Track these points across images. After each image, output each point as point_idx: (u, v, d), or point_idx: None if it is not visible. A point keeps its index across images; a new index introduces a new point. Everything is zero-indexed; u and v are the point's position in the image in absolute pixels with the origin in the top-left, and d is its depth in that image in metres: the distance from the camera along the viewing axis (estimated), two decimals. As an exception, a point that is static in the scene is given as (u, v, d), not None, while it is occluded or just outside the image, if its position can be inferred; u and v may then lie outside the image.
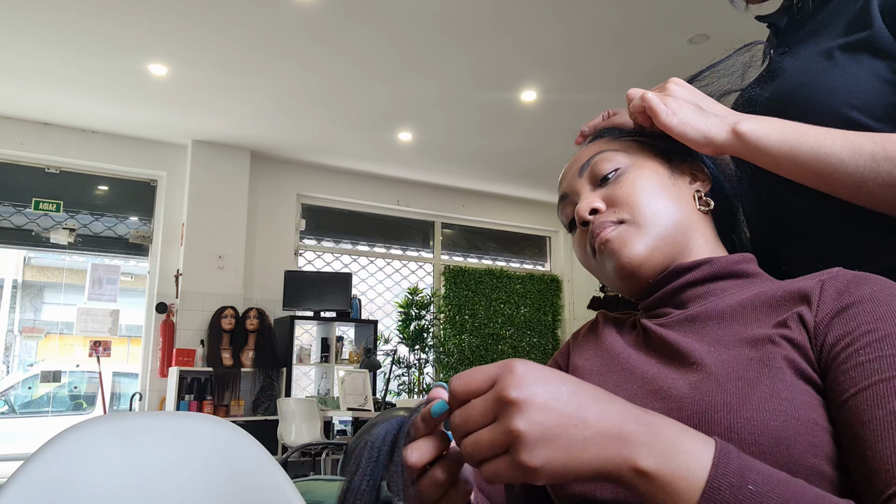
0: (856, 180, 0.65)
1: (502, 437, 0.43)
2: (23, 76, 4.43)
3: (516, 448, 0.42)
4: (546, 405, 0.43)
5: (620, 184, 0.69)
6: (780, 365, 0.56)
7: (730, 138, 0.68)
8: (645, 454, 0.43)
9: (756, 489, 0.41)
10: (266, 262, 5.83)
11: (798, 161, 0.66)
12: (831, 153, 0.65)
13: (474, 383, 0.45)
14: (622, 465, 0.43)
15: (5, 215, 5.24)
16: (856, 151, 0.64)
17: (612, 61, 4.22)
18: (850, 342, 0.53)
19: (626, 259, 0.66)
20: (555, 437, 0.42)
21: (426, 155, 5.91)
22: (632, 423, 0.44)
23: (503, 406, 0.43)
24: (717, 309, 0.64)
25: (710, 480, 0.42)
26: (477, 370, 0.46)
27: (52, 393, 7.41)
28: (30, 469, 0.80)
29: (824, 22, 0.82)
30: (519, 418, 0.42)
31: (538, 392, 0.43)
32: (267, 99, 4.79)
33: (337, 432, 5.13)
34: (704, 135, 0.68)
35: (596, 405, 0.44)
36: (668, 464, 0.43)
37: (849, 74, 0.74)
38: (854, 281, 0.58)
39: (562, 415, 0.43)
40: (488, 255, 7.34)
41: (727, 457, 0.43)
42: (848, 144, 0.65)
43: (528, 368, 0.44)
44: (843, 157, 0.65)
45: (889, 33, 0.73)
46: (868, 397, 0.50)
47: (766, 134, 0.67)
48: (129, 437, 0.88)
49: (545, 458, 0.42)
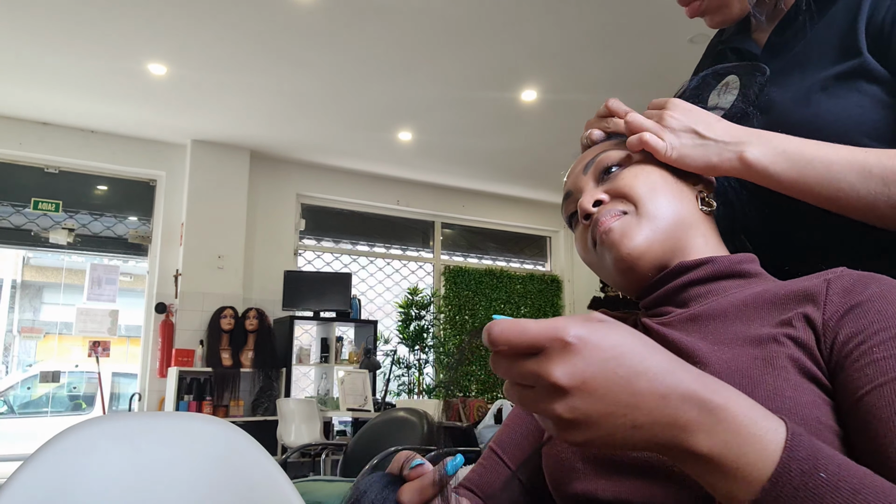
0: (867, 203, 0.65)
1: (542, 411, 0.41)
2: (23, 76, 4.43)
3: (556, 424, 0.41)
4: (594, 392, 0.39)
5: (623, 177, 0.70)
6: (784, 364, 0.56)
7: (735, 166, 0.68)
8: (702, 439, 0.40)
9: (828, 477, 0.39)
10: (265, 262, 5.83)
11: (806, 187, 0.67)
12: (841, 178, 0.65)
13: (518, 343, 0.40)
14: (673, 448, 0.41)
15: (4, 215, 5.23)
16: (865, 176, 0.65)
17: (611, 61, 4.22)
18: (862, 340, 0.53)
19: (625, 250, 0.66)
20: (598, 424, 0.40)
21: (426, 155, 5.91)
22: (692, 409, 0.40)
23: (544, 385, 0.40)
24: (720, 308, 0.64)
25: (781, 464, 0.39)
26: (525, 327, 0.40)
27: (52, 393, 7.41)
28: (29, 469, 0.80)
29: (807, 52, 0.81)
30: (559, 402, 0.40)
31: (586, 377, 0.39)
32: (267, 99, 4.79)
33: (337, 433, 5.13)
34: (706, 164, 0.69)
35: (653, 390, 0.40)
36: (730, 449, 0.40)
37: (852, 104, 0.74)
38: (861, 280, 0.58)
39: (609, 404, 0.40)
40: (488, 255, 7.34)
41: (799, 440, 0.41)
42: (857, 168, 0.65)
43: (583, 343, 0.40)
44: (854, 182, 0.65)
45: (873, 58, 0.74)
46: (885, 394, 0.50)
47: (772, 161, 0.67)
48: (128, 437, 0.88)
49: (587, 439, 0.40)
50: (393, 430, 2.99)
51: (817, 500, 0.39)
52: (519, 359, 0.41)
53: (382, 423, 3.10)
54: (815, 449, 0.41)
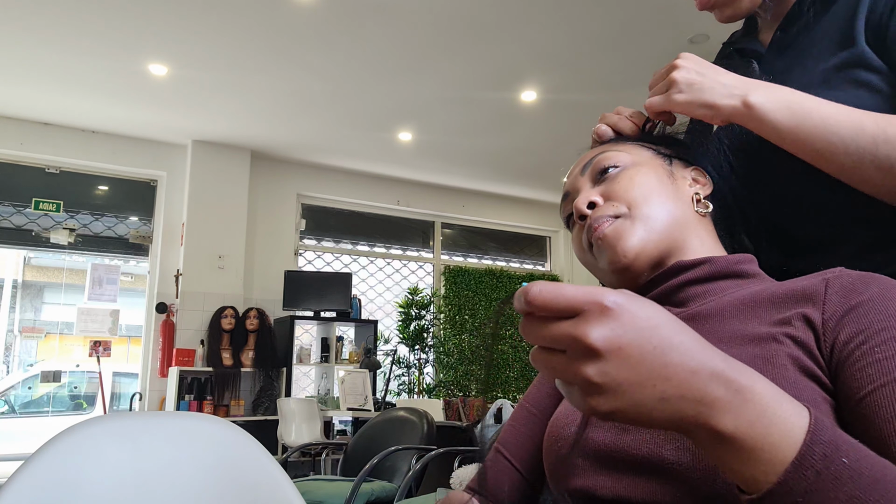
0: (853, 161, 0.65)
1: (571, 375, 0.40)
2: (23, 76, 4.43)
3: (584, 389, 0.40)
4: (627, 358, 0.39)
5: (618, 179, 0.71)
6: (784, 362, 0.56)
7: (737, 109, 0.69)
8: (728, 419, 0.40)
9: (850, 463, 0.39)
10: (266, 262, 5.83)
11: (801, 137, 0.67)
12: (834, 131, 0.66)
13: (555, 305, 0.40)
14: (698, 426, 0.40)
15: (5, 215, 5.24)
16: (858, 132, 0.65)
17: (612, 61, 4.22)
18: (863, 340, 0.54)
19: (620, 252, 0.67)
20: (628, 392, 0.39)
21: (426, 155, 5.91)
22: (720, 388, 0.40)
23: (579, 347, 0.39)
24: (718, 308, 0.64)
25: (805, 447, 0.39)
26: (563, 289, 0.40)
27: (52, 393, 7.41)
28: (30, 469, 0.80)
29: (809, 46, 0.81)
30: (591, 365, 0.39)
31: (622, 343, 0.39)
32: (267, 99, 4.79)
33: (337, 432, 5.13)
34: (710, 104, 0.70)
35: (684, 364, 0.40)
36: (755, 429, 0.39)
37: (852, 95, 0.74)
38: (860, 280, 0.58)
39: (641, 372, 0.39)
40: (488, 255, 7.34)
41: (822, 424, 0.40)
42: (852, 125, 0.65)
43: (620, 310, 0.40)
44: (845, 137, 0.65)
45: (871, 50, 0.75)
46: (887, 394, 0.50)
47: (774, 108, 0.68)
48: (129, 437, 0.88)
49: (613, 408, 0.40)
50: (393, 429, 2.99)
51: (838, 485, 0.38)
52: (553, 321, 0.40)
53: (382, 423, 3.10)
54: (838, 435, 0.40)
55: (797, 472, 0.38)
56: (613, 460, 0.60)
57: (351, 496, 2.37)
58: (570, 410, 0.67)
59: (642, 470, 0.58)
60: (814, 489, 0.38)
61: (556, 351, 0.41)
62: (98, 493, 0.82)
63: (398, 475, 2.78)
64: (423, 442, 2.76)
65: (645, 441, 0.58)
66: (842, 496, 0.38)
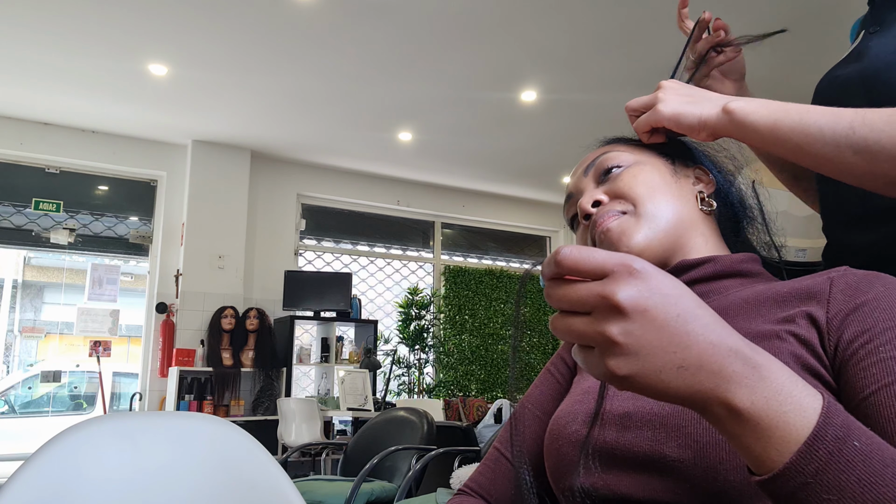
0: (832, 149, 0.65)
1: (594, 335, 0.40)
2: (23, 76, 4.43)
3: (606, 351, 0.40)
4: (652, 321, 0.40)
5: (622, 177, 0.71)
6: (787, 360, 0.56)
7: (721, 116, 0.70)
8: (744, 394, 0.40)
9: (861, 446, 0.39)
10: (266, 261, 5.83)
11: (781, 134, 0.67)
12: (811, 123, 0.66)
13: (585, 266, 0.41)
14: (713, 399, 0.40)
15: (5, 215, 5.24)
16: (835, 121, 0.65)
17: (612, 61, 4.22)
18: (868, 339, 0.53)
19: (624, 249, 0.67)
20: (648, 355, 0.40)
21: (426, 155, 5.91)
22: (738, 362, 0.40)
23: (606, 306, 0.40)
24: (721, 306, 0.64)
25: (818, 427, 0.39)
26: (593, 252, 0.41)
27: (53, 393, 7.41)
28: (30, 469, 0.80)
29: None
30: (616, 324, 0.40)
31: (648, 305, 0.40)
32: (267, 99, 4.79)
33: (337, 432, 5.13)
34: (699, 119, 0.70)
35: (705, 336, 0.40)
36: (771, 406, 0.40)
37: None
38: (865, 279, 0.58)
39: (663, 337, 0.40)
40: (488, 255, 7.34)
41: (835, 407, 0.40)
42: (829, 115, 0.66)
43: (648, 275, 0.41)
44: (822, 126, 0.65)
45: None
46: (892, 393, 0.50)
47: (753, 110, 0.68)
48: (129, 437, 0.88)
49: (632, 371, 0.40)
50: (393, 429, 2.99)
51: (849, 468, 0.38)
52: (580, 283, 0.41)
53: (382, 423, 3.10)
54: (849, 419, 0.41)
55: (810, 452, 0.38)
56: (615, 458, 0.60)
57: (351, 496, 2.37)
58: (572, 409, 0.67)
59: (644, 468, 0.58)
60: (825, 469, 0.38)
61: (579, 315, 0.41)
62: (98, 493, 0.82)
63: (398, 475, 2.78)
64: (423, 442, 2.75)
65: (646, 439, 0.58)
66: (852, 478, 0.38)
